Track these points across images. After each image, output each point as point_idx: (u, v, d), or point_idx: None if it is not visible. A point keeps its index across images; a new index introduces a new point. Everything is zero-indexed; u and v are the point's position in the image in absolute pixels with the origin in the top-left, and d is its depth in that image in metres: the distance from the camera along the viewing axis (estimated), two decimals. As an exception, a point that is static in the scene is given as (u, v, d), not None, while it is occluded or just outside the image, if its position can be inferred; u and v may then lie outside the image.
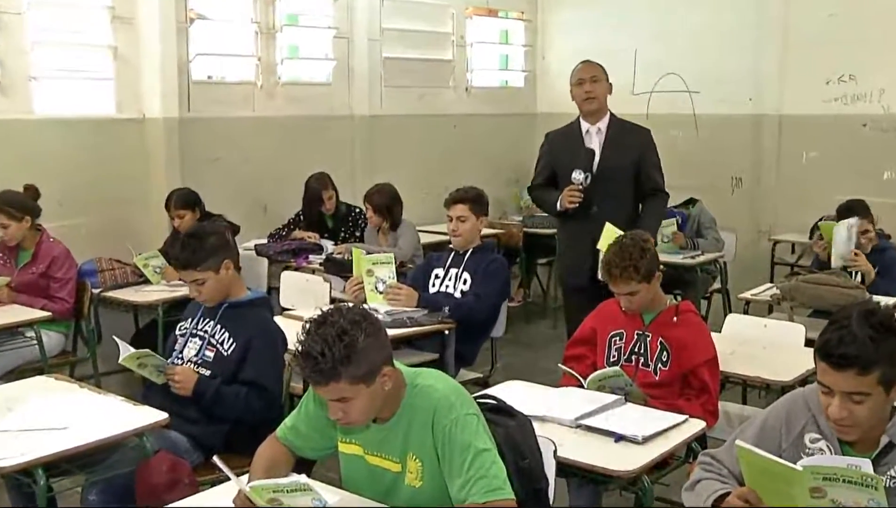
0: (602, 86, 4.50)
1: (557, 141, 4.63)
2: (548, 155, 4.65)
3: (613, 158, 4.46)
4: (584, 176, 4.37)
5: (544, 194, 4.62)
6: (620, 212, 4.39)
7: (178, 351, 3.38)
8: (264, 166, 6.62)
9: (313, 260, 5.87)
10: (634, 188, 4.51)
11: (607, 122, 4.53)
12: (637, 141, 4.52)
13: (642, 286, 3.27)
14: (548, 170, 4.63)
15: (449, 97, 7.94)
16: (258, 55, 6.61)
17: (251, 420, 3.19)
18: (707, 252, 6.28)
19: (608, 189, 4.40)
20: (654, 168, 4.55)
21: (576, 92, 4.52)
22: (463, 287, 4.52)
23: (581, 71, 4.56)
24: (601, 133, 4.52)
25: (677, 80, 7.65)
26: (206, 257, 3.26)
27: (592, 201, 4.38)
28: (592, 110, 4.49)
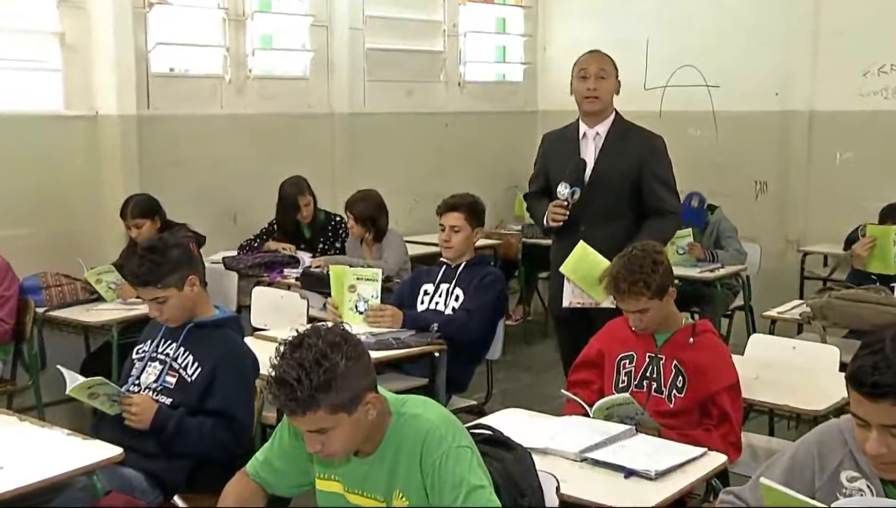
0: (609, 84, 4.28)
1: (552, 144, 4.45)
2: (542, 160, 4.49)
3: (608, 169, 4.22)
4: (569, 190, 4.14)
5: (535, 205, 4.46)
6: (613, 234, 4.11)
7: (135, 377, 3.38)
8: (233, 170, 6.63)
9: (289, 274, 5.87)
10: (635, 207, 4.24)
11: (609, 125, 4.29)
12: (639, 148, 4.24)
13: (654, 303, 3.29)
14: (542, 177, 4.47)
15: (440, 93, 7.97)
16: (226, 45, 6.63)
17: (218, 454, 3.19)
18: (727, 265, 6.31)
19: (600, 206, 4.17)
20: (660, 182, 4.25)
21: (576, 86, 4.29)
22: (454, 303, 4.53)
23: (586, 62, 4.32)
24: (599, 138, 4.28)
25: (694, 73, 7.69)
26: (167, 272, 3.27)
27: (581, 220, 4.15)
28: (593, 111, 4.27)
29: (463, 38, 8.07)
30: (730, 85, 7.55)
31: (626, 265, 3.28)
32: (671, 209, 4.28)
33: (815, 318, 4.73)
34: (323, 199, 6.52)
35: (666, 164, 4.30)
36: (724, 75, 7.57)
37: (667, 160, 4.31)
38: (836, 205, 7.07)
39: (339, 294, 4.52)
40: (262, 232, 6.33)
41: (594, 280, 3.90)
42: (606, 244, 3.98)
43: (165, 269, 3.27)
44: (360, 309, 4.48)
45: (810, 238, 7.27)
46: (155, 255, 3.28)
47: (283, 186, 6.25)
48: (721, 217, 6.54)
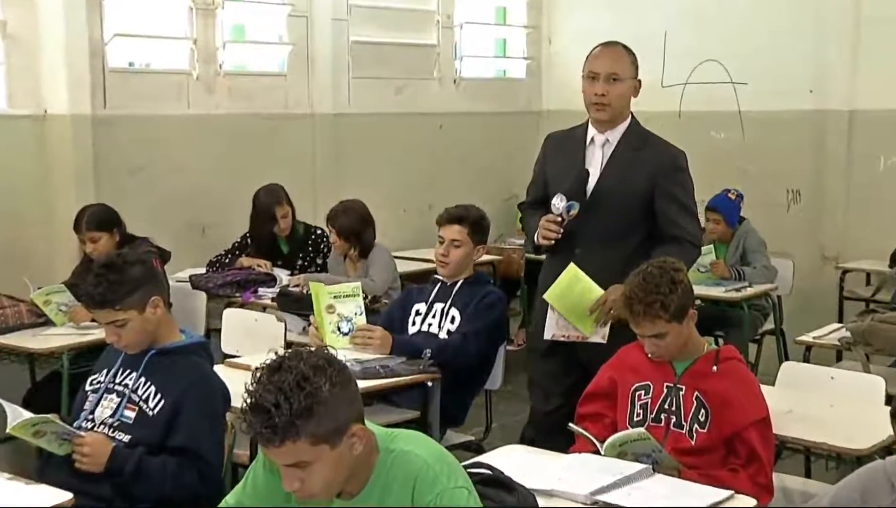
0: (622, 88, 4.02)
1: (555, 148, 4.26)
2: (542, 164, 4.29)
3: (616, 184, 4.01)
4: (565, 205, 3.91)
5: (529, 218, 4.25)
6: (613, 261, 3.91)
7: (88, 412, 3.38)
8: (202, 177, 6.63)
9: (264, 294, 5.87)
10: (643, 232, 4.03)
11: (622, 133, 4.08)
12: (655, 162, 4.01)
13: (672, 327, 3.29)
14: (540, 184, 4.27)
15: (433, 91, 7.99)
16: (193, 37, 6.64)
17: (183, 498, 3.19)
18: (756, 283, 6.32)
19: (601, 227, 3.97)
20: (678, 205, 4.03)
21: (585, 88, 4.06)
22: (450, 326, 4.53)
23: (597, 60, 4.06)
24: (609, 146, 4.08)
25: (718, 68, 7.70)
26: (127, 292, 3.27)
27: (577, 241, 3.95)
28: (600, 121, 4.06)
29: (459, 30, 8.10)
30: (758, 81, 7.56)
31: (640, 284, 3.28)
32: (690, 239, 4.04)
33: (857, 344, 4.73)
34: (302, 210, 6.52)
35: (688, 185, 4.08)
36: (751, 71, 7.59)
37: (689, 180, 4.09)
38: (879, 217, 7.08)
39: (320, 315, 4.51)
40: (234, 246, 6.33)
41: (583, 311, 3.88)
42: (604, 272, 3.88)
43: (125, 289, 3.27)
44: (343, 331, 4.48)
45: (850, 253, 7.27)
46: (113, 273, 3.28)
47: (257, 195, 6.25)
48: (748, 229, 6.56)
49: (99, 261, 3.47)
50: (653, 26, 7.85)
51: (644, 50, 7.89)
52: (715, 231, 6.54)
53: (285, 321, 5.02)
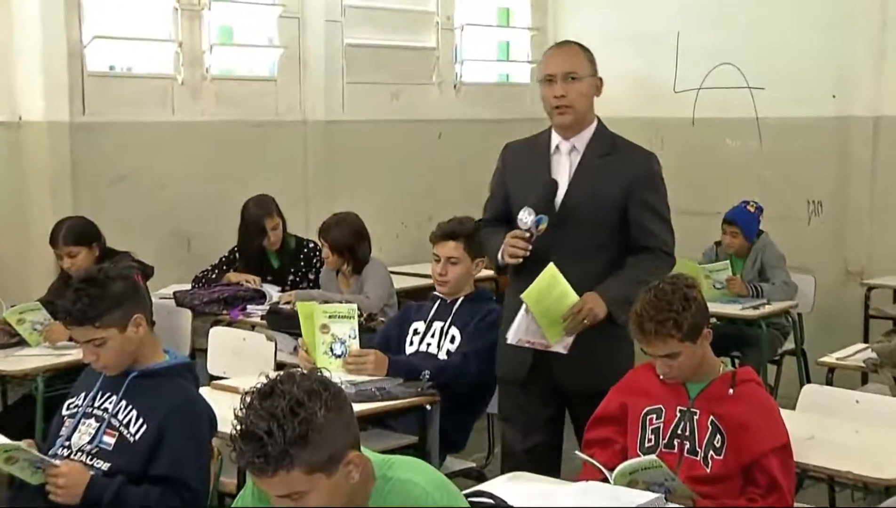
0: (583, 87, 3.93)
1: (515, 159, 4.15)
2: (501, 177, 4.16)
3: (586, 194, 3.91)
4: (534, 219, 3.78)
5: (490, 236, 4.08)
6: (587, 275, 3.86)
7: (64, 438, 3.37)
8: (187, 187, 6.64)
9: (253, 311, 5.88)
10: (617, 243, 3.95)
11: (589, 138, 3.99)
12: (628, 168, 3.94)
13: (686, 346, 3.29)
14: (500, 199, 4.13)
15: (432, 97, 8.01)
16: (178, 39, 6.66)
17: (166, 528, 3.18)
18: (774, 300, 6.33)
19: (573, 240, 3.88)
20: (652, 213, 3.96)
21: (543, 93, 3.96)
22: (450, 346, 4.54)
23: (550, 61, 4.00)
24: (576, 154, 3.98)
25: (734, 72, 7.71)
26: (107, 309, 3.26)
27: (547, 257, 3.81)
28: (563, 125, 3.97)
29: (459, 32, 8.12)
30: (776, 86, 7.57)
31: (652, 301, 3.28)
32: (663, 247, 3.97)
33: (884, 366, 4.72)
34: (293, 223, 6.53)
35: (662, 191, 4.01)
36: (769, 75, 7.59)
37: (663, 185, 4.02)
38: (907, 229, 7.11)
39: (311, 335, 4.51)
40: (222, 261, 6.34)
41: (556, 317, 3.79)
42: (577, 290, 3.80)
43: (105, 306, 3.27)
44: (336, 353, 4.48)
45: (876, 268, 7.26)
46: (93, 289, 3.28)
47: (246, 207, 6.27)
48: (766, 243, 6.56)
49: (78, 276, 3.47)
50: (665, 27, 7.88)
51: (656, 52, 8.04)
52: (732, 245, 6.55)
53: (275, 340, 5.01)
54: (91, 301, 3.25)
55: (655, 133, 7.84)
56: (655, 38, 7.86)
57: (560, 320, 3.78)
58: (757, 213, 6.59)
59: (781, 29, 7.52)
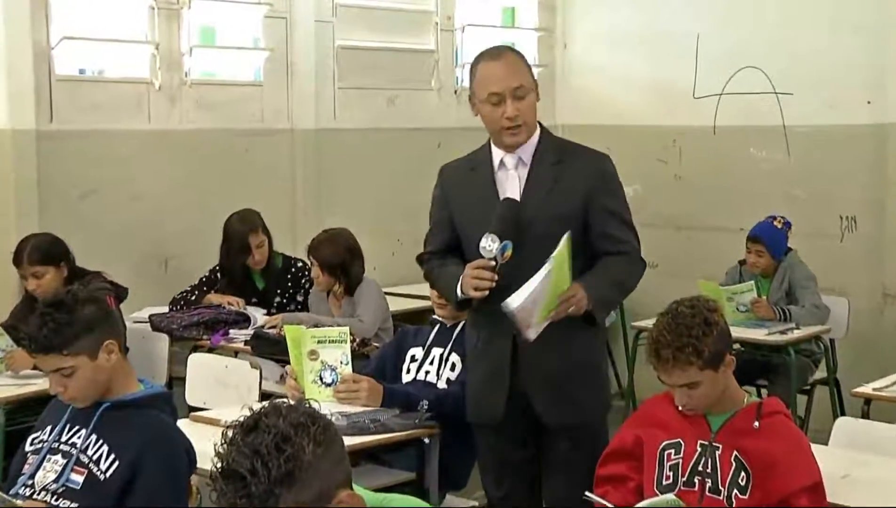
0: (532, 100, 3.90)
1: (456, 182, 4.07)
2: (441, 205, 4.08)
3: (542, 209, 3.84)
4: (499, 246, 3.69)
5: (440, 273, 4.02)
6: None
7: (27, 476, 3.35)
8: (164, 202, 6.65)
9: (236, 336, 5.89)
10: (584, 257, 3.87)
11: (535, 147, 3.94)
12: (583, 174, 3.91)
13: (707, 375, 3.28)
14: (445, 230, 4.06)
15: (431, 103, 8.03)
16: (155, 41, 6.66)
17: (139, 574, 3.17)
18: (804, 324, 6.31)
19: (535, 262, 3.69)
20: (616, 219, 3.93)
21: (488, 113, 3.88)
22: (450, 374, 4.54)
23: (493, 79, 3.87)
24: (523, 167, 3.93)
25: (759, 76, 7.71)
26: (77, 335, 3.26)
27: (509, 284, 3.68)
28: (518, 145, 3.91)
29: (460, 34, 8.14)
30: (806, 91, 7.55)
31: (669, 326, 3.27)
32: (634, 253, 3.96)
33: (925, 396, 4.73)
34: (280, 240, 6.54)
35: (621, 195, 4.00)
36: (798, 79, 7.58)
37: (621, 189, 4.01)
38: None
39: (299, 362, 4.51)
40: (202, 281, 6.35)
41: (554, 297, 3.69)
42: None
43: (74, 331, 3.26)
44: (326, 381, 4.48)
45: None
46: (61, 313, 3.27)
47: (229, 223, 6.27)
48: (795, 262, 6.55)
49: (45, 300, 3.46)
50: (683, 28, 7.88)
51: (674, 55, 8.04)
52: (757, 264, 6.53)
53: (260, 368, 5.01)
54: (58, 326, 3.25)
55: (672, 142, 7.87)
56: (673, 40, 7.86)
57: (555, 300, 3.67)
58: (784, 229, 6.57)
59: (811, 29, 7.49)
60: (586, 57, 8.33)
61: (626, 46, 8.11)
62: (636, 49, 8.01)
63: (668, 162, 8.03)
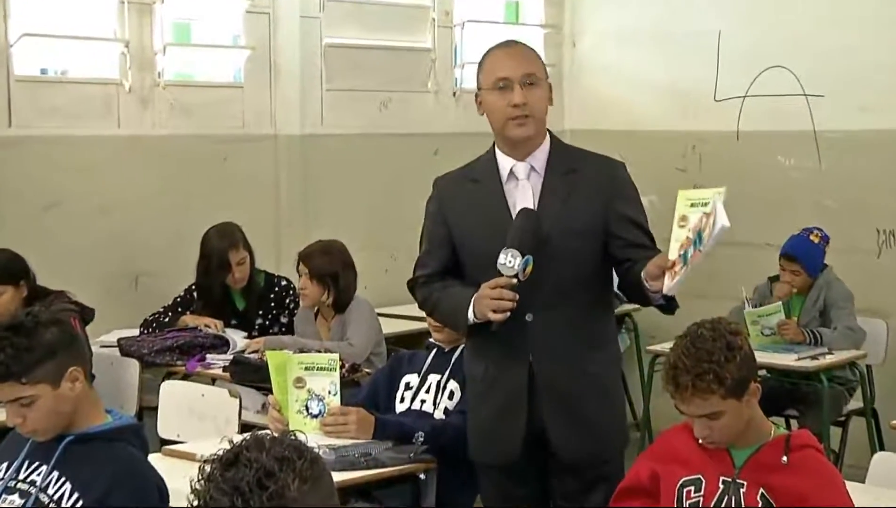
0: (543, 93, 3.91)
1: (455, 196, 4.03)
2: (438, 221, 4.02)
3: (559, 221, 3.83)
4: (521, 262, 3.66)
5: (442, 296, 3.97)
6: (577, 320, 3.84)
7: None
8: (135, 214, 6.65)
9: (214, 361, 5.89)
10: (604, 275, 3.94)
11: (547, 155, 3.95)
12: (597, 184, 3.91)
13: (729, 404, 3.27)
14: (443, 249, 4.00)
15: (427, 106, 8.04)
16: (125, 38, 6.67)
17: None
18: (837, 349, 6.30)
19: (554, 280, 3.80)
20: (638, 228, 3.93)
21: (494, 103, 3.87)
22: (448, 403, 4.54)
23: (503, 62, 3.90)
24: (537, 177, 3.92)
25: (786, 76, 7.71)
26: (38, 361, 3.24)
27: (524, 304, 3.73)
28: (525, 137, 3.89)
29: (459, 31, 8.15)
30: (838, 93, 7.55)
31: (688, 351, 3.26)
32: None
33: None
34: (263, 256, 6.55)
35: (639, 200, 4.01)
36: (829, 79, 7.57)
37: (638, 195, 4.03)
38: None
39: (283, 390, 4.51)
40: (176, 302, 6.36)
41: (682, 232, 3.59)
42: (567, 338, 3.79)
43: (35, 357, 3.24)
44: (312, 412, 4.48)
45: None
46: (20, 337, 3.26)
47: (207, 238, 6.28)
48: (830, 279, 6.52)
49: (2, 322, 3.45)
50: (704, 24, 7.89)
51: (693, 53, 8.04)
52: (793, 283, 6.47)
53: (240, 397, 5.01)
54: (17, 352, 3.23)
55: (692, 149, 7.88)
56: (693, 37, 7.87)
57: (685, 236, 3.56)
58: (822, 244, 6.50)
59: (843, 24, 7.48)
60: (597, 56, 8.33)
61: (640, 44, 8.12)
62: (652, 47, 8.02)
63: (687, 170, 8.02)
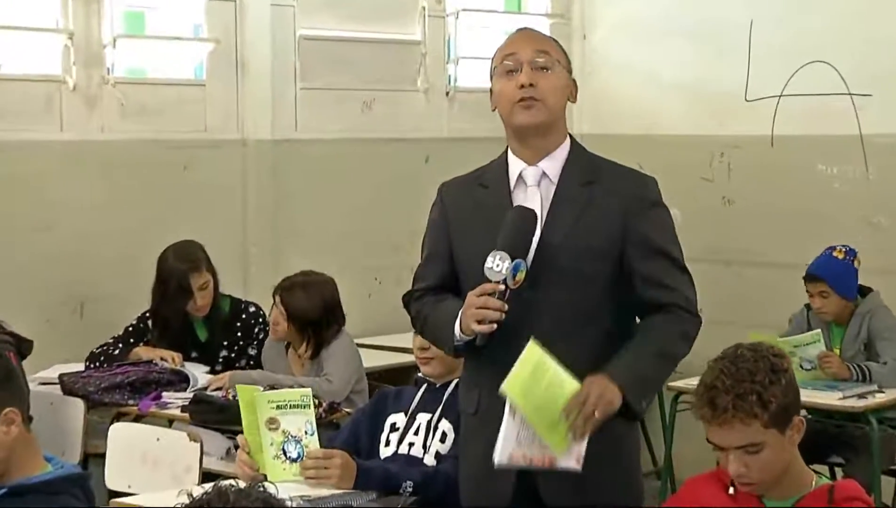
0: (557, 80, 3.86)
1: (460, 201, 4.04)
2: (440, 231, 4.04)
3: (568, 238, 3.80)
4: (510, 265, 3.63)
5: (432, 311, 3.98)
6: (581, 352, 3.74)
7: None
8: (80, 231, 6.64)
9: (171, 400, 5.87)
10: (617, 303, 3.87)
11: (563, 161, 3.91)
12: (619, 199, 3.86)
13: (770, 436, 3.23)
14: (442, 261, 4.02)
15: (417, 107, 8.05)
16: (69, 29, 6.67)
17: None
18: (888, 386, 6.28)
19: (558, 303, 3.78)
20: (662, 257, 3.87)
21: (500, 90, 3.92)
22: (440, 446, 4.52)
23: (512, 40, 3.95)
24: (548, 182, 3.89)
25: (828, 73, 7.73)
26: (-35, 400, 3.25)
27: (524, 328, 3.70)
28: (533, 124, 3.86)
29: (453, 21, 8.18)
30: (888, 91, 7.57)
31: (728, 369, 3.22)
32: (685, 305, 3.88)
33: None
34: (228, 280, 6.54)
35: (669, 227, 3.95)
36: (877, 76, 7.60)
37: (670, 221, 3.96)
38: None
39: (253, 431, 4.48)
40: (128, 331, 6.35)
41: (554, 415, 3.62)
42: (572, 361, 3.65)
43: (-38, 396, 3.25)
44: (291, 456, 4.45)
45: None
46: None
47: (164, 259, 6.26)
48: (876, 305, 6.52)
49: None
50: (733, 14, 7.93)
51: (721, 48, 8.05)
52: (824, 308, 6.46)
53: (201, 441, 4.99)
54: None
55: (720, 156, 7.90)
56: (720, 29, 7.90)
57: (561, 419, 3.60)
58: (849, 260, 6.49)
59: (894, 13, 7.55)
60: (611, 50, 8.34)
61: (660, 36, 8.13)
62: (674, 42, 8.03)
63: (715, 180, 8.05)
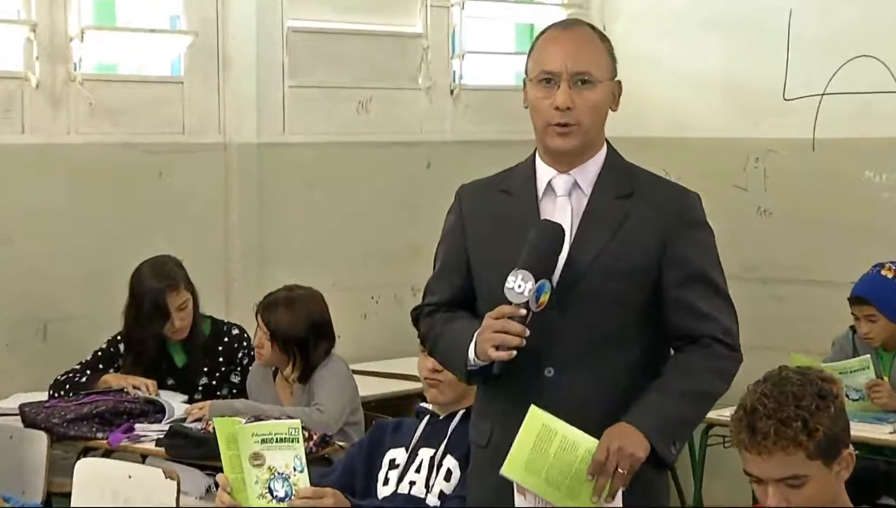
0: (597, 98, 3.85)
1: (480, 208, 4.01)
2: (456, 239, 4.03)
3: (598, 257, 3.80)
4: (534, 287, 3.62)
5: (444, 330, 3.97)
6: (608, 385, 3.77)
7: None
8: (44, 244, 6.66)
9: (145, 433, 5.88)
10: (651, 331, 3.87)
11: (598, 171, 3.90)
12: (659, 217, 3.86)
13: (816, 468, 3.23)
14: (456, 273, 4.02)
15: (418, 107, 8.07)
16: (32, 20, 6.69)
17: None
18: (944, 420, 6.30)
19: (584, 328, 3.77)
20: (704, 284, 3.87)
21: (536, 100, 3.83)
22: (444, 485, 4.51)
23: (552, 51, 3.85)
24: (580, 194, 3.89)
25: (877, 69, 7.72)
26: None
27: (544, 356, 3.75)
28: (567, 150, 3.84)
29: (458, 11, 8.20)
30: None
31: (770, 393, 3.21)
32: (726, 339, 3.85)
33: None
34: (209, 298, 6.56)
35: (712, 250, 3.94)
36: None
37: (713, 241, 3.96)
38: None
39: (235, 468, 4.47)
40: (97, 356, 6.35)
41: (574, 480, 3.61)
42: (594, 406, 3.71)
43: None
44: (278, 495, 4.44)
45: None
46: None
47: (138, 275, 6.26)
48: (928, 329, 6.54)
49: None
50: (769, 2, 7.94)
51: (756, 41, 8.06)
52: (872, 332, 6.45)
53: (178, 478, 4.99)
54: None
55: (754, 161, 7.90)
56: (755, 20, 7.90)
57: (585, 481, 3.59)
58: None
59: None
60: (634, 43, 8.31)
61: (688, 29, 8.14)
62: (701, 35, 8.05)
63: (749, 189, 8.05)
